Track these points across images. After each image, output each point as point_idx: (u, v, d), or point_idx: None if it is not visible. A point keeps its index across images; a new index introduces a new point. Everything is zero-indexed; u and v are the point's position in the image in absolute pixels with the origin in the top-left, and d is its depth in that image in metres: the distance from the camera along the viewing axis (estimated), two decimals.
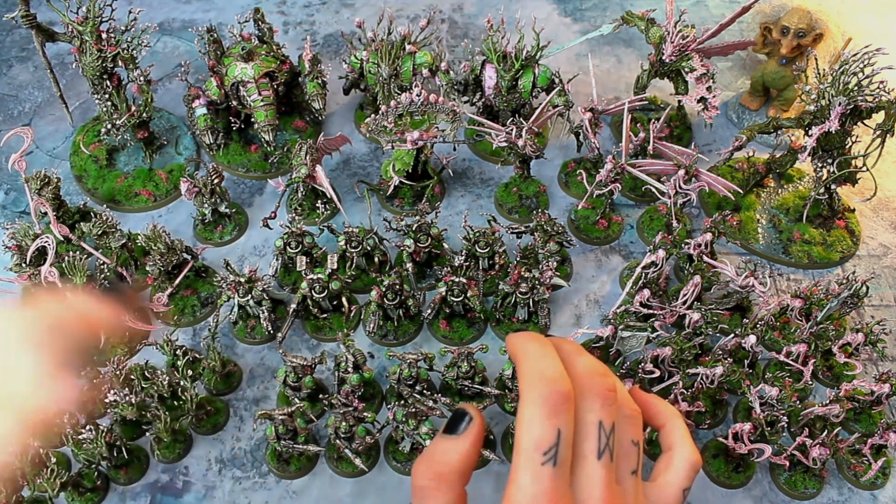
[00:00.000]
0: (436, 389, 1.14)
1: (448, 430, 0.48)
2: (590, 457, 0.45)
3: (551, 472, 0.43)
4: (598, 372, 0.48)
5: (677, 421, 0.53)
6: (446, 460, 0.47)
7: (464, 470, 0.47)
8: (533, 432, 0.44)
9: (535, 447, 0.43)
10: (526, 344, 0.48)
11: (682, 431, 0.52)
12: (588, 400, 0.47)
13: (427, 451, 0.48)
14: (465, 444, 0.47)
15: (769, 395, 1.04)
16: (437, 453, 0.47)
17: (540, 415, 0.44)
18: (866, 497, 1.09)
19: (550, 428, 0.44)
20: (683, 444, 0.52)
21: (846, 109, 1.15)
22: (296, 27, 1.66)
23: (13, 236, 1.14)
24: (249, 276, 1.15)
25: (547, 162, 1.40)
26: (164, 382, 1.05)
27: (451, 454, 0.47)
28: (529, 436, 0.44)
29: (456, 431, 0.48)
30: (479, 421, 0.48)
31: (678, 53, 1.30)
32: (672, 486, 0.50)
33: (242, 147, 1.40)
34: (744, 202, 1.35)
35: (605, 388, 0.47)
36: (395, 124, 1.26)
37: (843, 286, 1.14)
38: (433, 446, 0.48)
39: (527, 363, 0.47)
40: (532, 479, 0.43)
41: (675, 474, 0.51)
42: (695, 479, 0.52)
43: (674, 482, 0.50)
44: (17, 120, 1.48)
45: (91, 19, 1.18)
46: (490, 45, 1.33)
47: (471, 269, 1.21)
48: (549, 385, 0.45)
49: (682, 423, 0.53)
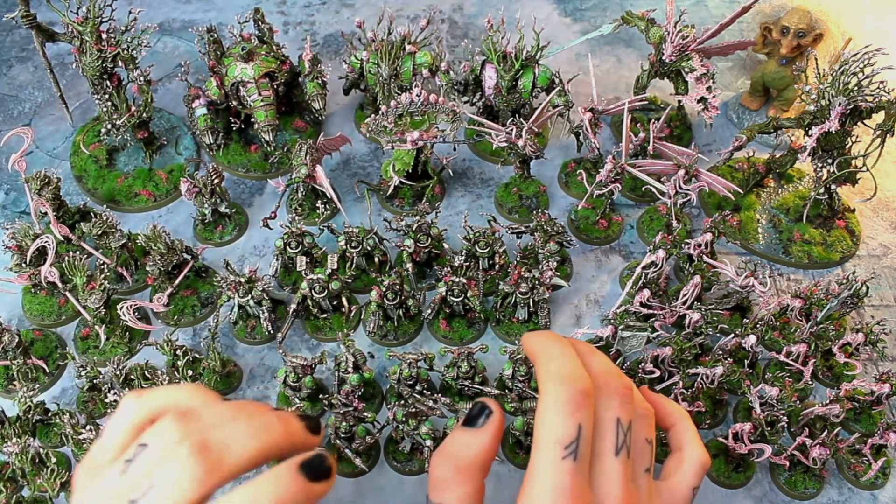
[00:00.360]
0: (436, 389, 1.14)
1: (468, 422, 0.48)
2: (608, 454, 0.46)
3: (572, 466, 0.43)
4: (614, 372, 0.49)
5: (686, 422, 0.54)
6: (465, 454, 0.47)
7: (483, 463, 0.47)
8: (555, 427, 0.44)
9: (557, 441, 0.44)
10: (545, 342, 0.49)
11: (692, 432, 0.54)
12: (606, 398, 0.47)
13: (446, 443, 0.48)
14: (485, 438, 0.47)
15: (769, 395, 1.04)
16: (456, 446, 0.48)
17: (562, 410, 0.44)
18: (866, 497, 1.09)
19: (572, 423, 0.44)
20: (693, 445, 0.53)
21: (846, 109, 1.15)
22: (296, 27, 1.66)
23: (13, 236, 1.14)
24: (249, 277, 1.15)
25: (547, 162, 1.40)
26: (164, 382, 1.05)
27: (470, 447, 0.47)
28: (551, 430, 0.44)
29: (475, 424, 0.48)
30: (499, 414, 0.48)
31: (678, 53, 1.30)
32: (683, 485, 0.51)
33: (242, 147, 1.40)
34: (744, 202, 1.35)
35: (623, 386, 0.48)
36: (395, 124, 1.26)
37: (843, 286, 1.14)
38: (452, 439, 0.48)
39: (547, 361, 0.47)
40: (553, 473, 0.43)
41: (685, 473, 0.52)
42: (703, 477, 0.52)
43: (684, 481, 0.51)
44: (17, 120, 1.48)
45: (91, 19, 1.18)
46: (490, 45, 1.33)
47: (471, 269, 1.22)
48: (570, 382, 0.45)
49: (691, 424, 0.54)
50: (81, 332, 1.17)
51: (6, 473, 1.01)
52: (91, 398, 1.10)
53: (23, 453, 0.99)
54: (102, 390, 1.08)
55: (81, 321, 1.18)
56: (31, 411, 1.05)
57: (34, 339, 1.16)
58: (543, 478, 0.43)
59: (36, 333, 1.17)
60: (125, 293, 1.23)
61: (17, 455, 0.99)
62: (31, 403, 1.04)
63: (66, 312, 1.19)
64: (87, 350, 1.16)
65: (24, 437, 1.00)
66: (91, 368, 1.07)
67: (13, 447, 0.99)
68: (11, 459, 0.99)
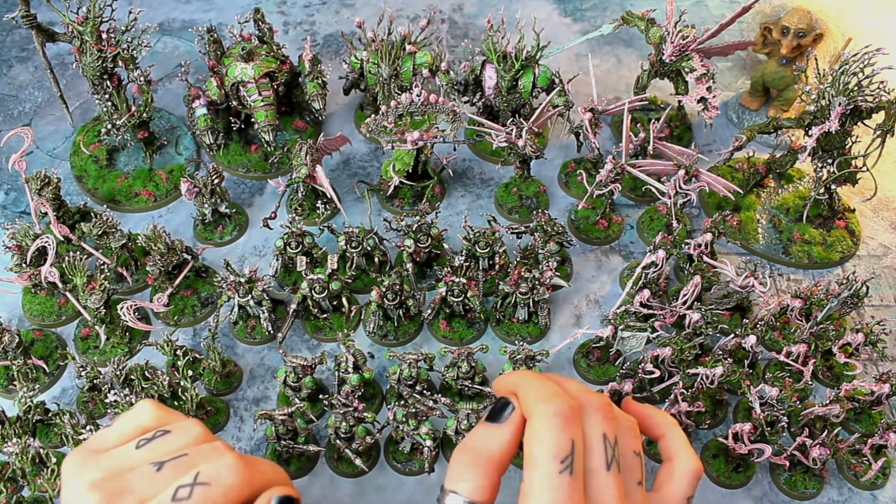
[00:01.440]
0: (436, 389, 1.14)
1: (490, 418, 0.49)
2: (599, 470, 0.46)
3: (569, 481, 0.44)
4: (590, 391, 0.50)
5: (675, 430, 0.54)
6: (486, 448, 0.47)
7: (503, 459, 0.47)
8: (549, 443, 0.45)
9: (554, 456, 0.44)
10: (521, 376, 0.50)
11: (681, 440, 0.53)
12: (589, 416, 0.48)
13: (468, 437, 0.49)
14: (507, 434, 0.48)
15: (769, 395, 1.04)
16: (477, 440, 0.48)
17: (555, 426, 0.45)
18: (866, 497, 1.09)
19: (565, 438, 0.45)
20: (684, 453, 0.53)
21: (846, 109, 1.15)
22: (296, 27, 1.66)
23: (13, 236, 1.14)
24: (249, 277, 1.15)
25: (547, 162, 1.40)
26: (164, 382, 1.05)
27: (491, 442, 0.48)
28: (545, 447, 0.45)
29: (499, 420, 0.48)
30: (521, 412, 0.49)
31: (678, 53, 1.30)
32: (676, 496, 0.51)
33: (242, 147, 1.40)
34: (744, 202, 1.35)
35: (603, 403, 0.49)
36: (395, 124, 1.26)
37: (843, 286, 1.14)
38: (474, 433, 0.49)
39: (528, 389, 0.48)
40: (550, 488, 0.44)
41: (677, 484, 0.52)
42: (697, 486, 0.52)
43: (677, 492, 0.51)
44: (17, 120, 1.48)
45: (91, 19, 1.18)
46: (490, 45, 1.33)
47: (471, 269, 1.21)
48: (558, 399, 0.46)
49: (680, 432, 0.54)
50: (81, 332, 1.17)
51: (6, 473, 1.01)
52: (91, 398, 1.10)
53: (23, 453, 0.99)
54: (102, 390, 1.08)
55: (81, 321, 1.18)
56: (31, 411, 1.05)
57: (34, 339, 1.16)
58: (542, 492, 0.44)
59: (36, 333, 1.17)
60: (125, 293, 1.23)
61: (17, 455, 0.99)
62: (31, 403, 1.04)
63: (67, 312, 1.19)
64: (88, 350, 1.16)
65: (25, 438, 1.00)
66: (91, 368, 1.07)
67: (13, 447, 0.99)
68: (11, 459, 0.99)
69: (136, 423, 0.50)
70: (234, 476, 0.44)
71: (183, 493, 0.43)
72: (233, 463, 0.45)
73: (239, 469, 0.45)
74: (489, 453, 0.47)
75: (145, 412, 0.51)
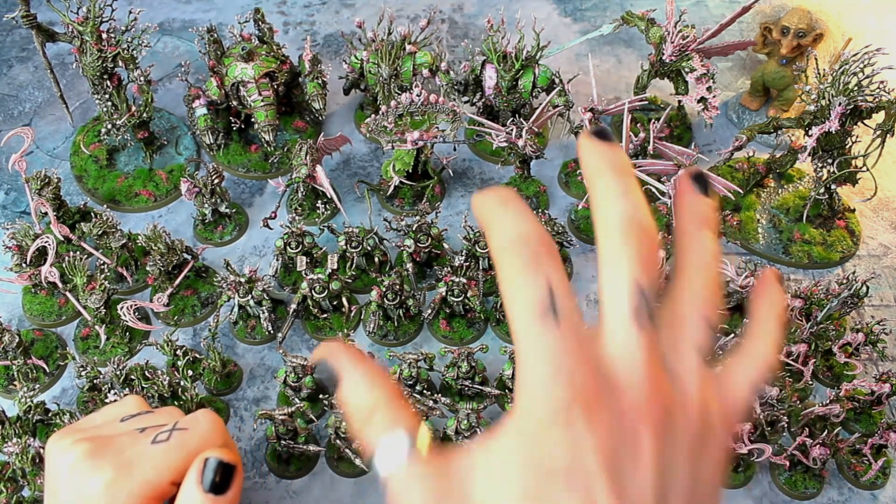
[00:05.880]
0: (436, 389, 1.14)
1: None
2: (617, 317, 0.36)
3: (554, 323, 0.34)
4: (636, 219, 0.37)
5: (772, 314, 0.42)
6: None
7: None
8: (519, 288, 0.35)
9: (529, 300, 0.35)
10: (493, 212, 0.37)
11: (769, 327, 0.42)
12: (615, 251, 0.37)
13: None
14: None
15: (769, 395, 1.04)
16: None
17: (521, 269, 0.35)
18: (866, 497, 1.09)
19: (536, 277, 0.35)
20: (762, 339, 0.41)
21: (846, 109, 1.15)
22: (296, 27, 1.66)
23: (13, 236, 1.14)
24: (249, 277, 1.15)
25: (547, 162, 1.40)
26: (164, 382, 1.05)
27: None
28: (517, 293, 0.35)
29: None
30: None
31: (678, 53, 1.30)
32: (741, 378, 0.40)
33: (242, 147, 1.40)
34: (744, 202, 1.35)
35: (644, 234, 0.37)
36: (395, 124, 1.26)
37: (843, 286, 1.14)
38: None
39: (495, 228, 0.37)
40: (538, 332, 0.34)
41: (747, 366, 0.40)
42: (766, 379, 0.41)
43: (744, 374, 0.40)
44: (17, 120, 1.48)
45: (91, 19, 1.18)
46: (490, 45, 1.33)
47: (471, 269, 1.22)
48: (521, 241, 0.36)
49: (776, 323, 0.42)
50: (81, 332, 1.17)
51: (6, 473, 1.01)
52: (91, 398, 1.10)
53: (23, 453, 0.99)
54: (102, 390, 1.08)
55: (81, 321, 1.18)
56: (31, 411, 1.05)
57: (34, 339, 1.16)
58: (528, 344, 0.34)
59: (36, 333, 1.17)
60: (125, 293, 1.23)
61: (17, 455, 0.99)
62: (31, 403, 1.04)
63: (67, 312, 1.19)
64: (88, 350, 1.16)
65: (25, 438, 1.00)
66: (91, 368, 1.07)
67: (13, 447, 0.98)
68: (11, 459, 0.99)
69: (121, 410, 0.52)
70: (211, 422, 0.47)
71: (162, 436, 0.46)
72: (209, 412, 0.48)
73: (215, 418, 0.48)
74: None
75: (130, 402, 0.53)
